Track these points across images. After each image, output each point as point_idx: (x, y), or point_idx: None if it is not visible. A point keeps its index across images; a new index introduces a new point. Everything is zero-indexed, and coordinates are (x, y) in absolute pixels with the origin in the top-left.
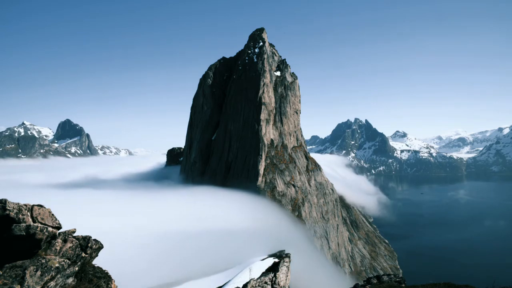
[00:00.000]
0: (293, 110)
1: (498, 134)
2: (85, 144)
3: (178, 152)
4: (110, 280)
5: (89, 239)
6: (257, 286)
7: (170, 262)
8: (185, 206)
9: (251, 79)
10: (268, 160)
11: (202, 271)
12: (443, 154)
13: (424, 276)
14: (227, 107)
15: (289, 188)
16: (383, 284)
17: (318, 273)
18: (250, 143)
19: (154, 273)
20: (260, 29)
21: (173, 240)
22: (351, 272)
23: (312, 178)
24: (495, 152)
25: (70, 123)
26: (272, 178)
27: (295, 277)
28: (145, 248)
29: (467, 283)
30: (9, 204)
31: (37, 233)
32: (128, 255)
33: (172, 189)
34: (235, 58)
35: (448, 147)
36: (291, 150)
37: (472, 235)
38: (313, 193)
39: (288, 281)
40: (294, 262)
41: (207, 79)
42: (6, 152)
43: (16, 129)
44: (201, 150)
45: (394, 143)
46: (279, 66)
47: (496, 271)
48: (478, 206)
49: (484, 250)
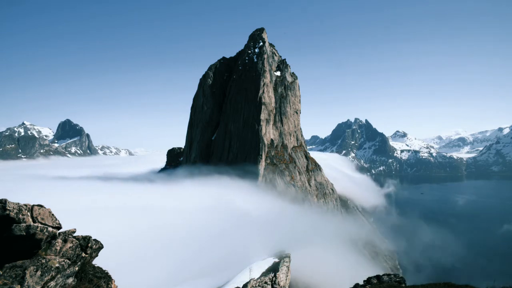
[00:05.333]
0: (293, 110)
1: (498, 134)
2: (85, 144)
3: (178, 152)
4: (110, 280)
5: (89, 239)
6: (257, 286)
7: (169, 261)
8: (184, 204)
9: (251, 79)
10: (268, 160)
11: (202, 271)
12: (443, 154)
13: (424, 276)
14: (227, 107)
15: (289, 188)
16: (383, 284)
17: (319, 273)
18: (250, 143)
19: (153, 273)
20: (260, 29)
21: (173, 240)
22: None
23: (312, 178)
24: (495, 152)
25: (70, 123)
26: (272, 178)
27: (294, 275)
28: (145, 248)
29: (467, 283)
30: (9, 204)
31: (37, 233)
32: (128, 255)
33: (172, 189)
34: (235, 58)
35: (448, 147)
36: (291, 150)
37: (472, 235)
38: (313, 193)
39: (288, 281)
40: (294, 263)
41: (207, 79)
42: (6, 152)
43: (16, 129)
44: (201, 150)
45: (394, 143)
46: (279, 66)
47: (496, 271)
48: (478, 205)
49: (484, 250)
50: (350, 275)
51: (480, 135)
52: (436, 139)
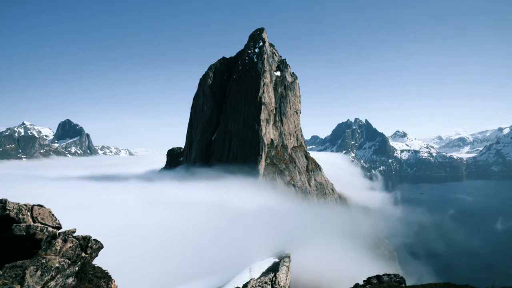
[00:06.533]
0: (293, 110)
1: (498, 134)
2: (85, 144)
3: (178, 152)
4: (110, 280)
5: (89, 239)
6: (257, 286)
7: (169, 261)
8: (184, 204)
9: (251, 79)
10: (268, 160)
11: (202, 271)
12: (443, 154)
13: (424, 276)
14: (227, 107)
15: (289, 188)
16: (383, 284)
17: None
18: (250, 143)
19: (153, 273)
20: (260, 29)
21: (173, 240)
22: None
23: (312, 178)
24: (495, 152)
25: (70, 123)
26: (272, 178)
27: (294, 275)
28: (145, 248)
29: (467, 283)
30: (9, 204)
31: (37, 233)
32: (128, 255)
33: (171, 188)
34: (235, 58)
35: (448, 147)
36: (291, 150)
37: (472, 234)
38: (313, 193)
39: (288, 281)
40: (294, 263)
41: (207, 79)
42: (6, 152)
43: (16, 129)
44: (201, 150)
45: (394, 143)
46: (279, 66)
47: (496, 271)
48: (478, 205)
49: (484, 250)
50: (350, 275)
51: (480, 135)
52: (436, 139)
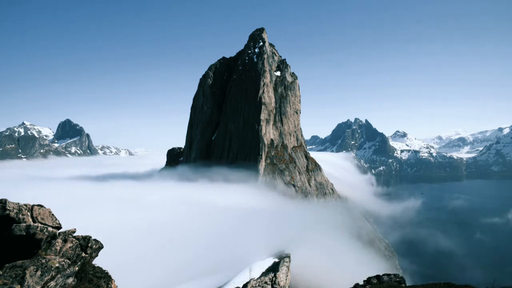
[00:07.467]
0: (293, 110)
1: (498, 134)
2: (85, 144)
3: (178, 152)
4: (110, 280)
5: (89, 239)
6: (257, 286)
7: (169, 261)
8: (184, 204)
9: (251, 79)
10: (268, 160)
11: (202, 271)
12: (443, 154)
13: (424, 276)
14: (227, 107)
15: (289, 188)
16: (383, 284)
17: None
18: (250, 143)
19: (153, 273)
20: (260, 29)
21: (173, 240)
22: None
23: (312, 178)
24: (495, 152)
25: (70, 123)
26: (272, 178)
27: (294, 275)
28: (145, 248)
29: (467, 283)
30: (9, 204)
31: (37, 233)
32: (128, 255)
33: (171, 188)
34: (235, 58)
35: (448, 147)
36: (291, 150)
37: (472, 234)
38: (313, 193)
39: (288, 281)
40: (294, 263)
41: (207, 79)
42: (6, 152)
43: (16, 129)
44: (201, 150)
45: (394, 143)
46: (279, 66)
47: (496, 271)
48: (478, 205)
49: (484, 250)
50: (350, 275)
51: (480, 135)
52: (436, 139)
